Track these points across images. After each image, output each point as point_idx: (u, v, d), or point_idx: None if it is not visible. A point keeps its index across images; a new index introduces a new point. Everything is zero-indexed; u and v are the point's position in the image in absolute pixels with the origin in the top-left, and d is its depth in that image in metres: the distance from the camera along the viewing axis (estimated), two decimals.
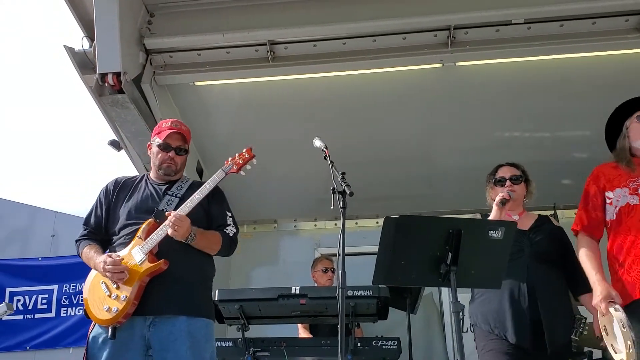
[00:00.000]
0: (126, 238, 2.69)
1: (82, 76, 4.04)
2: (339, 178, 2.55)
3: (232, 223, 2.84)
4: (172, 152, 2.84)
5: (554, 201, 4.74)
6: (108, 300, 2.56)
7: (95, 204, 2.90)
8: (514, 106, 4.52)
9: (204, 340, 2.61)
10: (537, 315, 2.78)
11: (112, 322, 2.52)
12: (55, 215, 6.14)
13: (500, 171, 3.20)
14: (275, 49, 4.01)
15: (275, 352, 3.72)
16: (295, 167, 5.05)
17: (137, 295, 2.53)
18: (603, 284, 2.55)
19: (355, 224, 5.76)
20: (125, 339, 2.53)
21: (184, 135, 2.88)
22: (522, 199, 3.16)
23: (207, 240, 2.71)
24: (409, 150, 4.99)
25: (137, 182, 2.92)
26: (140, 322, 2.56)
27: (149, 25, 4.05)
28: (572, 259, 2.99)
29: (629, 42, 3.85)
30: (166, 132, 2.83)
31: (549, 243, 2.95)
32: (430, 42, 3.94)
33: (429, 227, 2.47)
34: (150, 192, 2.83)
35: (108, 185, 2.93)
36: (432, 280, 2.50)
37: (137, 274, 2.55)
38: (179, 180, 2.90)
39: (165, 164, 2.83)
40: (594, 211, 2.73)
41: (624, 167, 2.68)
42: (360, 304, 3.60)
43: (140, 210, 2.74)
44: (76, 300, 5.68)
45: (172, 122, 2.90)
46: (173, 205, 2.73)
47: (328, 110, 4.53)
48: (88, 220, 2.88)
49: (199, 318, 2.62)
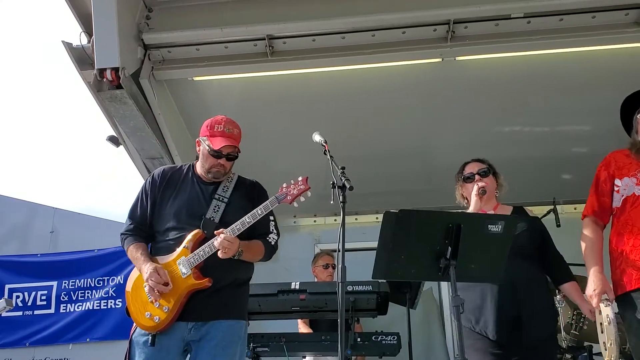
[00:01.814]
0: (171, 242, 2.68)
1: (80, 72, 4.04)
2: (338, 172, 2.54)
3: (275, 229, 2.85)
4: (223, 159, 2.76)
5: (554, 196, 4.73)
6: (150, 307, 2.60)
7: (140, 194, 2.83)
8: (514, 101, 4.51)
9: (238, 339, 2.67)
10: (518, 312, 2.77)
11: (153, 330, 2.58)
12: (54, 211, 6.13)
13: (468, 167, 3.21)
14: (274, 43, 4.01)
15: (275, 347, 3.73)
16: (294, 163, 5.03)
17: (179, 308, 2.58)
18: (599, 277, 2.55)
19: (355, 220, 5.74)
20: (166, 342, 2.59)
21: (237, 142, 2.78)
22: (493, 192, 3.14)
23: (252, 253, 2.72)
24: (408, 145, 4.98)
25: (183, 176, 2.84)
26: (182, 326, 2.61)
27: (147, 20, 4.05)
28: (550, 249, 2.99)
29: (628, 36, 3.85)
30: (220, 140, 2.72)
31: (526, 236, 2.91)
32: (430, 36, 3.94)
33: (429, 221, 2.46)
34: (197, 194, 2.77)
35: (154, 175, 2.86)
36: (431, 275, 2.49)
37: (181, 287, 2.59)
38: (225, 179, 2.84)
39: (215, 169, 2.76)
40: (603, 197, 2.72)
41: (634, 155, 2.68)
42: (359, 299, 3.61)
43: (188, 214, 2.71)
44: (75, 297, 5.67)
45: (225, 126, 2.75)
46: (220, 212, 2.71)
47: (327, 105, 4.52)
48: (134, 212, 2.81)
49: (234, 320, 2.68)
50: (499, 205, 3.16)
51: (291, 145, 4.77)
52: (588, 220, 2.77)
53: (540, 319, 2.79)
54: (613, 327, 2.36)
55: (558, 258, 2.99)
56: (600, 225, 2.75)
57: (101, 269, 5.68)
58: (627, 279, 2.52)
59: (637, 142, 2.71)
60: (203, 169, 2.80)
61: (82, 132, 18.65)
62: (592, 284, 2.54)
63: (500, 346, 2.77)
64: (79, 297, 5.67)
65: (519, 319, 2.76)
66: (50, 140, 17.69)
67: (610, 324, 2.37)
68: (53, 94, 18.66)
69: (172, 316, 2.56)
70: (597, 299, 2.49)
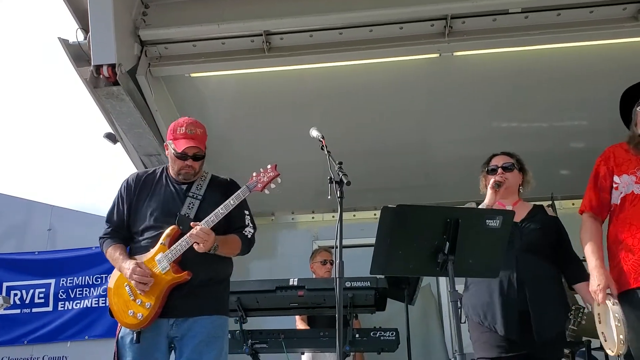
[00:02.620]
0: (149, 241, 2.74)
1: (76, 68, 4.03)
2: (335, 168, 2.54)
3: (250, 223, 2.90)
4: (190, 160, 2.81)
5: (552, 191, 4.73)
6: (132, 304, 2.65)
7: (116, 200, 2.89)
8: (512, 96, 4.51)
9: (221, 336, 2.73)
10: (526, 307, 2.77)
11: (137, 327, 2.63)
12: (51, 209, 6.11)
13: (494, 160, 3.19)
14: (271, 39, 4.00)
15: (274, 344, 3.73)
16: (292, 159, 5.00)
17: (161, 303, 2.63)
18: (602, 272, 2.53)
19: (353, 216, 5.74)
20: (152, 339, 2.64)
21: (200, 142, 2.82)
22: (515, 187, 3.13)
23: (229, 247, 2.76)
24: (406, 141, 4.97)
25: (157, 179, 2.90)
26: (165, 323, 2.66)
27: (143, 17, 4.04)
28: (566, 248, 2.98)
29: (626, 30, 3.84)
30: (182, 143, 2.77)
31: (540, 234, 2.91)
32: (427, 31, 3.94)
33: (427, 216, 2.46)
34: (172, 193, 2.83)
35: (129, 180, 2.91)
36: (429, 270, 2.48)
37: (161, 283, 2.63)
38: (197, 178, 2.89)
39: (184, 171, 2.82)
40: (602, 193, 2.70)
41: (632, 150, 2.65)
42: (358, 295, 3.60)
43: (163, 213, 2.76)
44: (73, 294, 5.65)
45: (187, 127, 2.80)
46: (194, 209, 2.77)
47: (325, 101, 4.52)
48: (111, 217, 2.87)
49: (216, 316, 2.73)
50: (520, 201, 3.14)
51: (289, 141, 4.76)
52: (587, 215, 2.75)
53: (550, 315, 2.78)
54: (624, 325, 2.36)
55: (573, 258, 2.96)
56: (599, 221, 2.73)
57: (99, 266, 5.66)
58: (626, 277, 2.50)
59: (635, 136, 2.70)
60: (173, 171, 2.87)
61: (80, 129, 18.63)
62: (596, 279, 2.52)
63: (509, 341, 2.77)
64: (77, 294, 5.65)
65: (528, 314, 2.76)
66: (47, 138, 17.66)
67: (619, 322, 2.36)
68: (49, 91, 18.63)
69: (154, 312, 2.61)
70: (602, 294, 2.47)
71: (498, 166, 3.13)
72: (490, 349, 2.80)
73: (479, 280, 2.87)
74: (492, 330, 2.81)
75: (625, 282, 2.50)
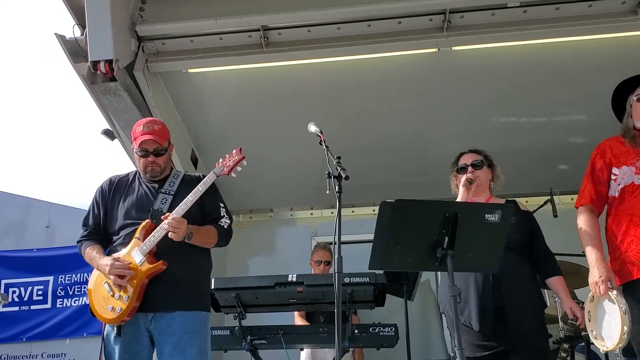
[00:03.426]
0: (125, 238, 2.78)
1: (73, 64, 4.00)
2: (334, 162, 2.53)
3: (226, 214, 2.93)
4: (151, 156, 2.86)
5: (551, 187, 4.72)
6: (112, 300, 2.68)
7: (91, 204, 2.96)
8: (511, 91, 4.50)
9: (201, 332, 2.73)
10: (502, 303, 2.77)
11: (117, 321, 2.66)
12: (49, 206, 6.11)
13: (462, 158, 3.21)
14: (269, 34, 3.98)
15: (273, 340, 3.72)
16: (290, 155, 5.03)
17: (138, 295, 2.65)
18: (603, 265, 2.52)
19: (352, 212, 5.74)
20: (133, 333, 2.68)
21: (157, 136, 2.86)
22: (486, 184, 3.14)
23: (204, 236, 2.79)
24: (405, 136, 4.97)
25: (130, 181, 2.97)
26: (143, 317, 2.69)
27: (140, 12, 4.01)
28: (540, 243, 2.99)
29: (625, 24, 3.83)
30: (140, 138, 2.84)
31: (515, 230, 2.88)
32: (426, 26, 3.92)
33: (426, 211, 2.45)
34: (145, 192, 2.89)
35: (103, 185, 2.99)
36: (428, 265, 2.49)
37: (138, 275, 2.66)
38: (170, 176, 2.95)
39: (149, 168, 2.88)
40: (600, 185, 2.69)
41: (629, 143, 2.65)
42: (357, 290, 3.59)
43: (137, 210, 2.82)
44: (72, 291, 5.66)
45: (144, 125, 2.88)
46: (167, 204, 2.82)
47: (323, 96, 4.50)
48: (87, 221, 2.94)
49: (195, 311, 2.73)
50: (492, 197, 3.15)
51: (287, 137, 4.75)
52: (584, 209, 2.73)
53: (525, 310, 2.79)
54: (628, 317, 2.35)
55: (545, 253, 2.98)
56: (596, 214, 2.72)
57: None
58: (629, 269, 2.50)
59: (630, 128, 2.69)
60: (141, 172, 2.93)
61: (78, 126, 18.60)
62: (597, 272, 2.51)
63: (485, 337, 2.78)
64: (75, 291, 5.66)
65: (503, 311, 2.76)
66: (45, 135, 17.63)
67: (625, 313, 2.36)
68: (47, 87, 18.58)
69: (132, 304, 2.63)
70: (604, 287, 2.46)
71: (467, 164, 3.14)
72: (469, 348, 2.79)
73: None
74: (468, 326, 2.81)
75: (628, 273, 2.50)
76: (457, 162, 3.23)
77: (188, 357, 2.61)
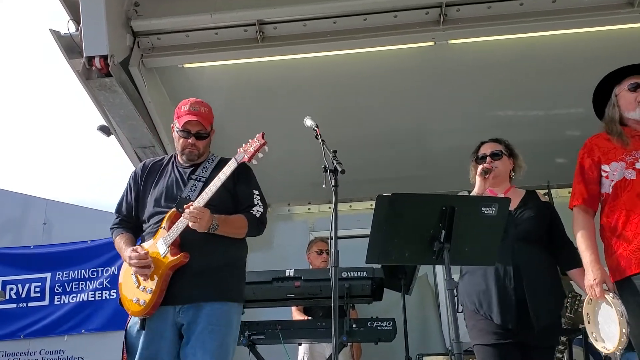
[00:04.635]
0: (154, 227, 2.71)
1: (68, 60, 3.99)
2: (330, 156, 2.52)
3: (260, 202, 2.80)
4: (192, 138, 2.77)
5: (548, 180, 4.72)
6: (137, 291, 2.61)
7: (125, 190, 2.88)
8: (507, 84, 4.48)
9: (227, 324, 2.64)
10: (523, 296, 2.76)
11: (141, 313, 2.59)
12: (46, 203, 6.09)
13: (482, 148, 3.17)
14: (265, 29, 3.97)
15: (271, 335, 3.72)
16: (288, 151, 5.01)
17: (162, 287, 2.57)
18: (598, 267, 2.51)
19: (349, 207, 5.72)
20: (159, 327, 2.60)
21: (203, 119, 2.78)
22: (506, 174, 3.12)
23: (231, 226, 2.68)
24: (402, 130, 4.95)
25: (164, 165, 2.88)
26: (171, 310, 2.61)
27: (135, 7, 4.00)
28: (559, 234, 2.97)
29: (621, 17, 3.82)
30: (184, 118, 2.75)
31: (534, 222, 2.90)
32: (422, 19, 3.91)
33: (422, 204, 2.44)
34: (175, 178, 2.80)
35: (137, 170, 2.90)
36: (425, 258, 2.48)
37: (161, 267, 2.59)
38: (205, 161, 2.85)
39: (187, 150, 2.79)
40: (591, 184, 2.67)
41: (616, 140, 2.63)
42: (354, 285, 3.60)
43: (167, 198, 2.73)
44: (69, 288, 5.65)
45: (191, 105, 2.79)
46: (197, 191, 2.70)
47: (319, 91, 4.49)
48: (120, 208, 2.87)
49: (221, 302, 2.64)
50: (512, 188, 3.12)
51: (284, 132, 4.72)
52: (578, 209, 2.71)
53: (547, 303, 2.78)
54: (625, 319, 2.35)
55: (567, 244, 2.95)
56: (590, 213, 2.70)
57: (95, 260, 5.66)
58: (624, 265, 2.49)
59: (614, 119, 2.69)
60: (178, 151, 2.84)
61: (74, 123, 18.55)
62: (592, 274, 2.50)
63: (505, 328, 2.77)
64: (73, 288, 5.64)
65: (524, 304, 2.75)
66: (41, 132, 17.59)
67: (623, 315, 2.35)
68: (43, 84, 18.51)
69: (156, 297, 2.55)
70: (599, 289, 2.45)
71: (486, 154, 3.11)
72: (486, 336, 2.80)
73: (474, 268, 2.86)
74: (487, 318, 2.81)
75: (624, 269, 2.48)
76: (477, 151, 3.19)
77: (207, 350, 2.53)
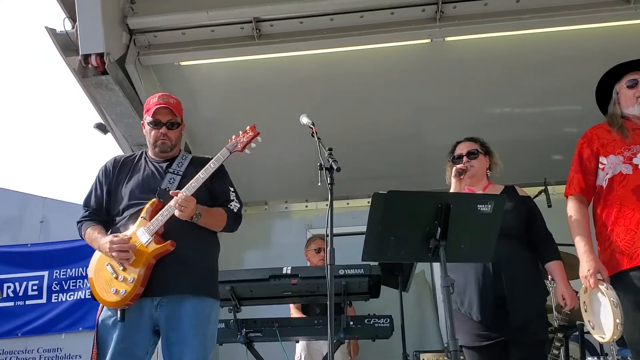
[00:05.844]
0: (130, 218, 2.67)
1: (64, 58, 3.98)
2: (326, 154, 2.52)
3: (236, 198, 2.84)
4: (164, 128, 2.77)
5: (545, 176, 4.72)
6: (115, 282, 2.54)
7: (94, 184, 2.85)
8: (504, 81, 4.49)
9: (207, 321, 2.62)
10: (502, 293, 2.76)
11: (120, 304, 2.51)
12: (43, 201, 6.08)
13: (458, 148, 3.18)
14: (261, 26, 3.97)
15: (268, 332, 3.72)
16: (285, 148, 5.01)
17: (144, 278, 2.52)
18: (592, 257, 2.51)
19: (346, 204, 5.73)
20: (134, 320, 2.53)
21: (173, 108, 2.79)
22: (483, 172, 3.12)
23: (212, 217, 2.69)
24: (398, 128, 4.95)
25: (136, 161, 2.87)
26: (148, 303, 2.55)
27: (131, 5, 4.00)
28: (539, 227, 2.97)
29: (618, 13, 3.83)
30: (154, 108, 2.75)
31: (514, 217, 2.88)
32: (419, 17, 3.91)
33: (418, 202, 2.44)
34: (152, 171, 2.79)
35: (107, 164, 2.87)
36: (421, 256, 2.47)
37: (144, 256, 2.54)
38: (178, 157, 2.85)
39: (160, 141, 2.78)
40: (588, 175, 2.67)
41: (616, 132, 2.63)
42: (351, 282, 3.59)
43: (143, 190, 2.71)
44: (67, 286, 5.64)
45: (159, 97, 2.80)
46: (175, 184, 2.71)
47: (316, 88, 4.49)
48: (88, 201, 2.82)
49: (205, 298, 2.63)
50: (490, 184, 3.13)
51: (281, 129, 4.71)
52: (573, 198, 2.71)
53: (526, 299, 2.77)
54: (619, 310, 2.35)
55: (545, 236, 2.96)
56: (585, 204, 2.70)
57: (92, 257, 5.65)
58: (618, 259, 2.49)
59: (617, 115, 2.69)
60: (151, 146, 2.83)
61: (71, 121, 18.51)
62: (586, 264, 2.50)
63: (486, 327, 2.77)
64: (70, 286, 5.64)
65: (504, 300, 2.75)
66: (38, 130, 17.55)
67: (617, 306, 2.36)
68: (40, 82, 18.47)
69: (138, 287, 2.49)
70: (594, 279, 2.45)
71: (463, 154, 3.12)
72: (469, 337, 2.80)
73: (453, 266, 2.80)
74: (469, 317, 2.81)
75: (618, 263, 2.49)
76: (453, 151, 3.20)
77: (191, 348, 2.49)
